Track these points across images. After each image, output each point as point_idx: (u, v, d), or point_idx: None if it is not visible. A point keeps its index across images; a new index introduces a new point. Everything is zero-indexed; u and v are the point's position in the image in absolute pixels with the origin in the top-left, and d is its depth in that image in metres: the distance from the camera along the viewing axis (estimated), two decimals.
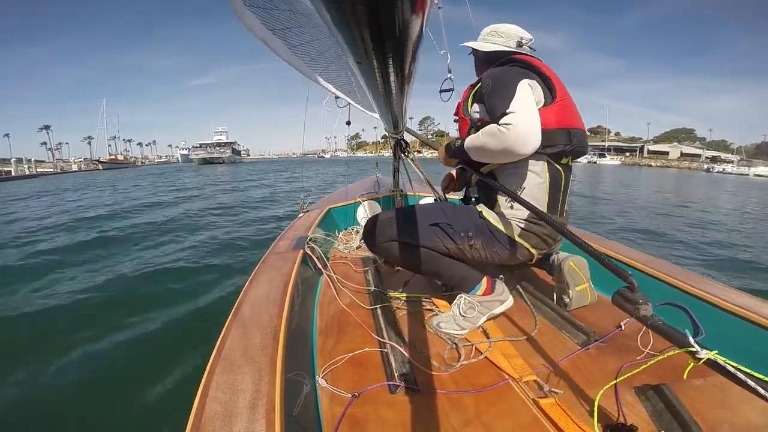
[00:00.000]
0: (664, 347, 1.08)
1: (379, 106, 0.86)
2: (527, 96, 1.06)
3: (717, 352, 0.78)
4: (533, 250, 1.22)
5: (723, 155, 59.10)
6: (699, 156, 59.52)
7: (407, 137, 2.14)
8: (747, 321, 1.03)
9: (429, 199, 2.45)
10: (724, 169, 45.25)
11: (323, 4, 0.30)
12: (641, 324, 1.18)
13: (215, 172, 26.79)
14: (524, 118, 1.01)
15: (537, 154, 1.11)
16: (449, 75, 1.53)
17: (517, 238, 1.20)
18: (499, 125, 1.03)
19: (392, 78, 0.49)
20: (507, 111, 1.02)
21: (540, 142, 1.03)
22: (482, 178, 1.21)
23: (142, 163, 78.68)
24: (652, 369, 0.95)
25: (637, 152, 66.23)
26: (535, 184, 1.17)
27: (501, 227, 1.20)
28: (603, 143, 71.42)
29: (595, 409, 0.82)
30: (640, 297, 0.84)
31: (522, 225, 1.19)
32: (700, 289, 1.18)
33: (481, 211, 1.24)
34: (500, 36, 1.27)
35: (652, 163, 56.76)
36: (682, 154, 61.02)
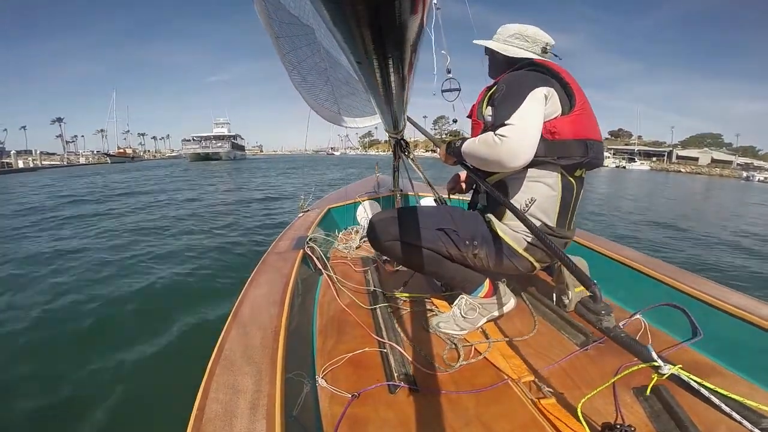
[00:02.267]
0: (662, 348, 1.11)
1: (379, 106, 0.88)
2: (533, 109, 1.04)
3: (681, 366, 0.81)
4: (537, 264, 1.23)
5: (756, 162, 57.52)
6: (730, 162, 58.08)
7: (409, 135, 2.16)
8: (745, 322, 1.05)
9: (429, 200, 2.48)
10: (766, 178, 43.46)
11: (323, 4, 0.31)
12: (639, 325, 1.22)
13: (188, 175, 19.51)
14: (520, 131, 1.01)
15: (551, 165, 1.12)
16: (449, 75, 1.53)
17: (522, 252, 1.20)
18: (495, 134, 1.03)
19: (392, 78, 0.50)
20: (506, 122, 1.02)
21: (531, 158, 1.03)
22: (487, 188, 1.19)
23: (154, 156, 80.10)
24: (650, 370, 0.97)
25: (665, 157, 64.94)
26: (547, 197, 1.16)
27: (508, 239, 1.20)
28: (628, 147, 69.91)
29: (601, 409, 0.84)
30: (602, 308, 0.85)
31: (529, 239, 1.19)
32: (699, 290, 1.20)
33: (489, 221, 1.24)
34: (526, 40, 1.23)
35: (682, 169, 55.43)
36: (713, 160, 59.64)
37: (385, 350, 1.11)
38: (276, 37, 1.50)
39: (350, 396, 0.92)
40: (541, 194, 1.15)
